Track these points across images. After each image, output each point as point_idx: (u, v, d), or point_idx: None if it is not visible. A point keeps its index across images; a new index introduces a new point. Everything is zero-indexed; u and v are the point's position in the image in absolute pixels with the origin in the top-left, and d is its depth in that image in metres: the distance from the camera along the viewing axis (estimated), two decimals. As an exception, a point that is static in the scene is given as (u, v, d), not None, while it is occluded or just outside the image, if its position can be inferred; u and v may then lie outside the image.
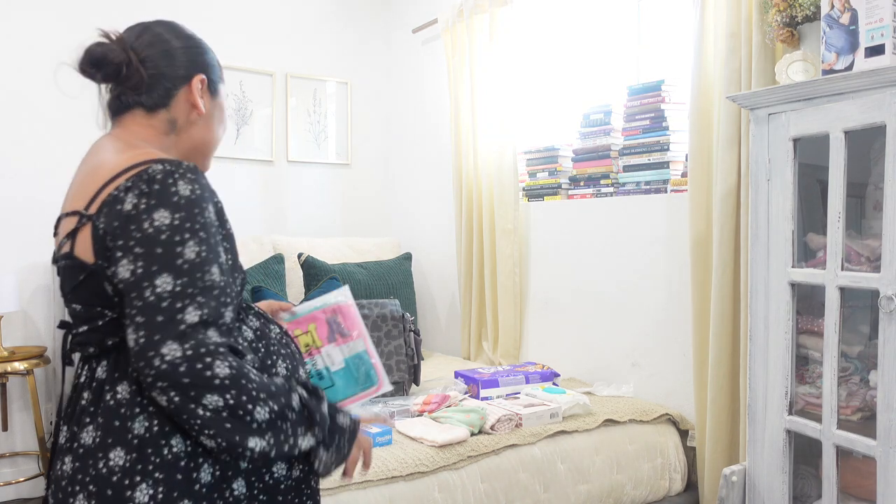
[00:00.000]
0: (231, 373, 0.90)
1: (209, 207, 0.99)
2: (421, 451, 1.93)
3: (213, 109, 1.18)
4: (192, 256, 0.94)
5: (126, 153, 1.03)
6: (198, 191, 0.98)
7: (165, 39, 1.13)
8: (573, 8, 3.04)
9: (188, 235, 0.94)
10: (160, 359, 0.88)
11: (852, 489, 1.67)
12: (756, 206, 1.77)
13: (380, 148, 4.13)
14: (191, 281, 0.92)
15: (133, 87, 1.10)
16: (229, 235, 1.05)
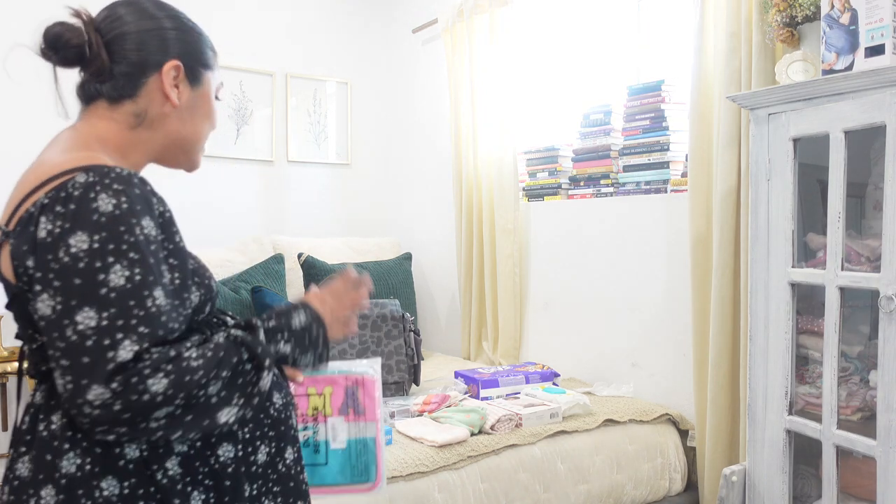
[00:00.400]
0: (169, 380, 0.81)
1: (144, 222, 0.85)
2: (421, 451, 1.93)
3: (194, 101, 1.04)
4: (119, 283, 0.81)
5: (69, 154, 0.91)
6: (125, 204, 0.84)
7: (137, 19, 0.99)
8: (573, 8, 3.04)
9: (112, 259, 0.81)
10: (90, 406, 0.78)
11: (852, 489, 1.67)
12: (756, 206, 1.77)
13: (380, 148, 4.13)
14: (121, 311, 0.80)
15: (95, 74, 0.98)
16: (178, 250, 0.92)
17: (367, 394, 1.20)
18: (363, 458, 1.18)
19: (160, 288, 0.85)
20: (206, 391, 0.84)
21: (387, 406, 2.24)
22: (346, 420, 1.18)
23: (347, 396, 1.19)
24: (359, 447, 1.18)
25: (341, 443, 1.17)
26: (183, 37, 1.03)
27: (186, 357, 0.84)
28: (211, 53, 1.07)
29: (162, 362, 0.81)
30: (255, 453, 1.00)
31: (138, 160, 1.02)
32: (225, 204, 3.54)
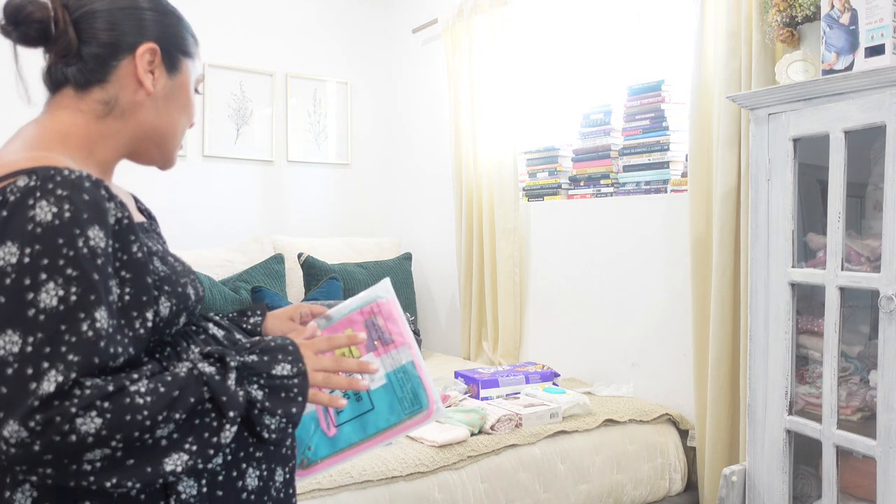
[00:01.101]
0: (104, 419, 0.71)
1: (91, 233, 0.75)
2: (421, 451, 1.93)
3: (170, 90, 0.94)
4: (52, 304, 0.71)
5: (22, 153, 0.82)
6: (67, 213, 0.73)
7: (129, 5, 0.91)
8: (573, 8, 3.04)
9: (45, 276, 0.71)
10: (5, 443, 0.69)
11: (852, 489, 1.67)
12: (756, 206, 1.77)
13: (380, 148, 4.13)
14: (50, 337, 0.71)
15: (61, 55, 0.89)
16: (134, 261, 0.81)
17: (388, 319, 1.09)
18: (407, 386, 1.06)
19: (103, 308, 0.75)
20: (153, 433, 0.74)
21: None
22: (377, 355, 1.07)
23: (370, 330, 1.08)
24: (399, 377, 1.06)
25: (380, 380, 1.05)
26: (161, 19, 0.94)
27: (132, 392, 0.74)
28: (192, 40, 0.99)
29: (96, 398, 0.71)
30: (243, 478, 0.90)
31: (107, 156, 0.92)
32: (225, 204, 3.54)
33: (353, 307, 1.10)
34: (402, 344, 1.08)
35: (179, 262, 0.96)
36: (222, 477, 0.88)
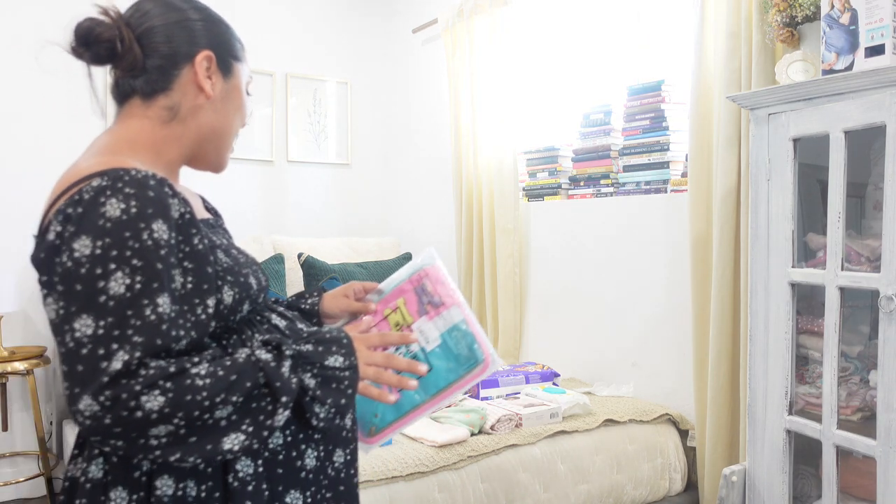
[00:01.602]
0: (167, 398, 0.78)
1: (154, 226, 0.82)
2: (421, 451, 1.93)
3: (227, 92, 1.02)
4: (120, 290, 0.79)
5: (95, 158, 0.90)
6: (134, 209, 0.81)
7: (164, 12, 0.98)
8: (573, 8, 3.04)
9: (114, 266, 0.79)
10: (81, 416, 0.77)
11: (852, 489, 1.67)
12: (756, 206, 1.77)
13: (380, 148, 4.13)
14: (119, 320, 0.78)
15: (128, 69, 0.96)
16: (195, 253, 0.88)
17: (435, 283, 1.14)
18: (462, 343, 1.09)
19: (165, 295, 0.82)
20: (212, 413, 0.81)
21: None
22: (429, 318, 1.11)
23: (420, 296, 1.13)
24: (454, 336, 1.10)
25: (436, 340, 1.09)
26: (211, 27, 1.02)
27: (192, 374, 0.80)
28: (239, 45, 1.06)
29: (159, 378, 0.78)
30: (302, 458, 0.96)
31: (172, 157, 1.00)
32: (225, 204, 3.51)
33: (402, 278, 1.15)
34: (453, 304, 1.12)
35: (243, 254, 1.03)
36: (282, 456, 0.94)
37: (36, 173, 3.16)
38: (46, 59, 3.20)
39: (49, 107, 3.19)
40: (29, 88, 3.15)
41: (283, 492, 0.94)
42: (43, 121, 3.18)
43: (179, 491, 0.87)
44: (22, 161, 3.14)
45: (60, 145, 3.22)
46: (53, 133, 3.21)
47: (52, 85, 3.20)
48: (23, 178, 3.13)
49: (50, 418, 3.22)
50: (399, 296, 1.13)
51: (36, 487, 3.18)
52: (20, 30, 3.13)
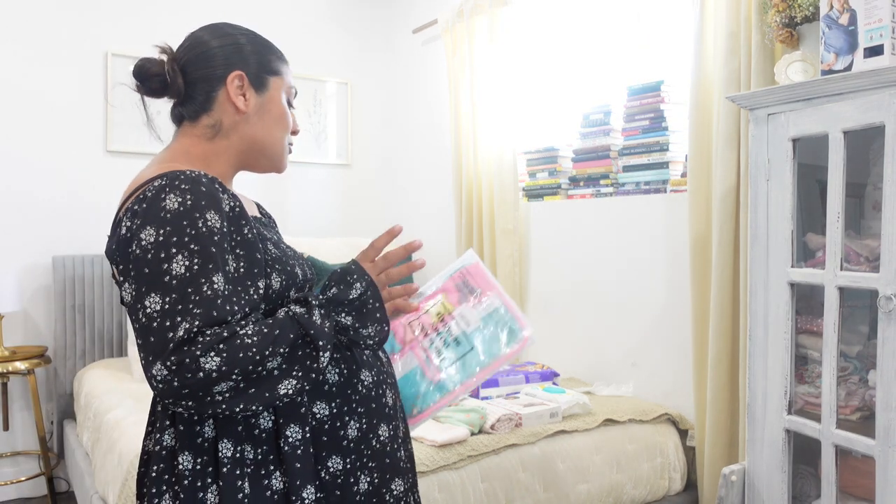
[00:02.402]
0: (222, 358, 0.88)
1: (208, 215, 0.95)
2: (421, 450, 1.93)
3: (262, 105, 1.12)
4: (180, 271, 0.91)
5: (156, 167, 1.04)
6: (189, 202, 0.94)
7: (203, 41, 1.12)
8: (573, 8, 3.04)
9: (175, 250, 0.91)
10: (154, 381, 0.89)
11: (851, 489, 1.68)
12: (755, 206, 1.78)
13: (380, 148, 4.13)
14: (181, 297, 0.90)
15: (176, 97, 1.11)
16: (245, 241, 1.00)
17: (475, 278, 1.22)
18: (502, 323, 1.18)
19: (220, 274, 0.93)
20: (264, 366, 0.91)
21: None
22: (470, 305, 1.19)
23: (461, 290, 1.21)
24: (494, 319, 1.18)
25: (476, 323, 1.17)
26: (246, 48, 1.13)
27: (241, 335, 0.91)
28: (277, 60, 1.15)
29: (215, 343, 0.89)
30: (345, 428, 1.06)
31: (221, 169, 1.13)
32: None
33: (444, 277, 1.24)
34: (492, 291, 1.20)
35: (291, 249, 1.15)
36: (328, 426, 1.05)
37: (36, 175, 3.16)
38: (48, 75, 3.20)
39: (51, 111, 3.20)
40: (31, 93, 3.15)
41: (325, 457, 1.04)
42: (44, 125, 3.19)
43: (237, 453, 0.99)
44: (22, 163, 3.14)
45: (62, 149, 3.22)
46: (55, 138, 3.21)
47: (55, 89, 3.20)
48: (23, 180, 3.14)
49: (51, 418, 3.22)
50: (441, 293, 1.22)
51: (37, 487, 3.19)
52: (26, 44, 3.13)
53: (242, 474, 0.99)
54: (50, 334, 3.23)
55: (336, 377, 1.08)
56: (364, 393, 1.10)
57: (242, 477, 0.98)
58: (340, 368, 1.08)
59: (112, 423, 2.30)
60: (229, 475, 0.98)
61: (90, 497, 2.32)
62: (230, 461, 0.98)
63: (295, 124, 1.19)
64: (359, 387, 1.10)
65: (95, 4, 3.28)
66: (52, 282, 3.19)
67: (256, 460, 1.00)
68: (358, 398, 1.09)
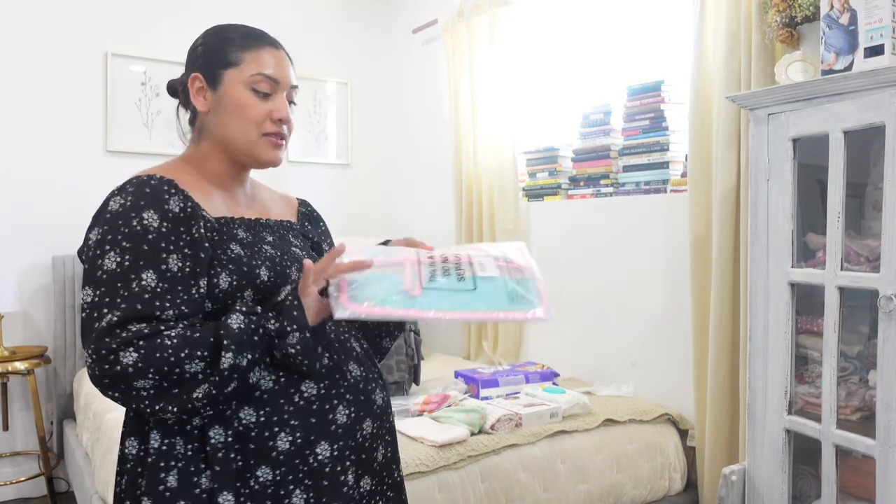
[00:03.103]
0: (139, 354, 0.91)
1: (145, 215, 0.98)
2: (421, 450, 1.93)
3: (218, 101, 1.12)
4: (111, 267, 0.96)
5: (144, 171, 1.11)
6: (129, 203, 0.99)
7: (191, 49, 1.18)
8: (573, 8, 3.04)
9: (108, 247, 0.97)
10: (87, 367, 0.94)
11: (851, 489, 1.68)
12: (756, 206, 1.78)
13: (380, 148, 4.13)
14: (109, 290, 0.95)
15: (184, 107, 1.20)
16: (194, 241, 1.01)
17: (518, 260, 1.06)
18: (522, 289, 0.99)
19: (151, 271, 0.97)
20: (182, 368, 0.93)
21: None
22: (496, 263, 1.02)
23: (497, 260, 1.05)
24: (514, 281, 1.00)
25: (492, 271, 1.00)
26: (199, 49, 1.15)
27: (164, 335, 0.93)
28: (236, 51, 1.12)
29: (135, 338, 0.92)
30: (274, 439, 1.02)
31: (216, 169, 1.14)
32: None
33: (491, 253, 1.05)
34: (530, 274, 1.04)
35: (281, 252, 1.12)
36: (255, 433, 1.02)
37: (36, 175, 3.16)
38: (45, 77, 3.20)
39: (51, 111, 3.20)
40: (31, 93, 3.15)
41: (254, 465, 1.01)
42: (44, 125, 3.19)
43: (164, 445, 1.01)
44: (22, 163, 3.14)
45: (62, 149, 3.22)
46: (55, 138, 3.21)
47: (55, 89, 3.20)
48: (23, 180, 3.14)
49: (50, 418, 3.22)
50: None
51: (37, 487, 3.19)
52: (23, 49, 3.13)
53: (167, 467, 1.00)
54: (50, 334, 3.23)
55: (270, 384, 1.03)
56: (301, 405, 1.04)
57: (167, 469, 1.00)
58: (277, 376, 1.04)
59: (112, 423, 2.30)
60: (153, 466, 1.00)
61: (90, 497, 2.32)
62: (156, 452, 1.00)
63: (277, 111, 1.12)
64: (296, 398, 1.04)
65: (95, 4, 3.28)
66: (52, 282, 3.19)
67: (187, 456, 1.01)
68: (292, 409, 1.04)
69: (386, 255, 1.02)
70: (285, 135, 1.15)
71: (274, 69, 1.12)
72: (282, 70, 1.14)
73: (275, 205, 1.28)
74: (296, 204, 1.35)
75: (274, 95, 1.12)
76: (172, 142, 4.03)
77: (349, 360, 1.13)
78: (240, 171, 1.18)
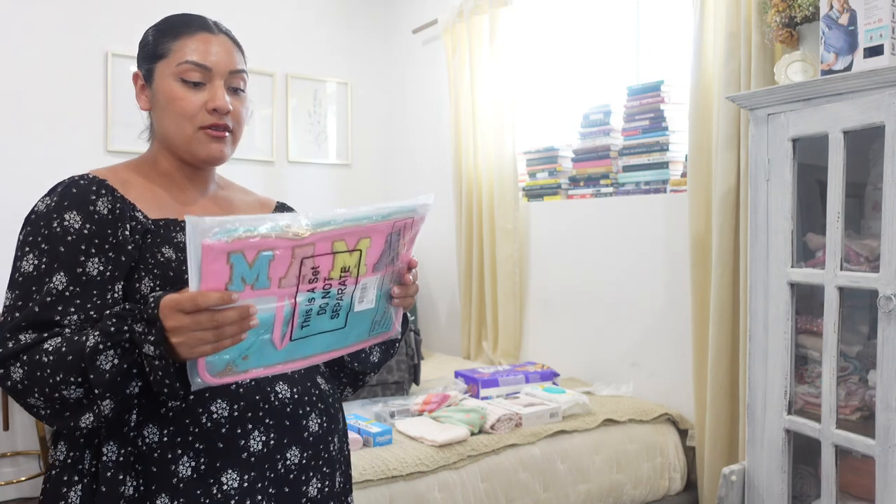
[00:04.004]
0: (23, 371, 0.85)
1: (67, 216, 0.93)
2: (421, 450, 1.93)
3: (154, 98, 1.04)
4: (27, 269, 0.92)
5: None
6: (52, 204, 0.94)
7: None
8: (573, 8, 3.05)
9: (28, 249, 0.93)
10: None
11: (851, 488, 1.68)
12: (755, 206, 1.78)
13: (380, 148, 4.13)
14: (23, 293, 0.91)
15: None
16: (119, 243, 0.94)
17: (409, 236, 0.93)
18: (385, 308, 0.96)
19: (61, 274, 0.91)
20: (59, 393, 0.84)
21: (387, 406, 2.25)
22: (381, 274, 0.91)
23: (388, 245, 0.89)
24: (384, 298, 0.95)
25: (369, 302, 0.91)
26: (143, 43, 1.07)
27: (42, 350, 0.85)
28: (168, 41, 1.03)
29: (21, 350, 0.86)
30: (176, 463, 0.92)
31: (164, 169, 1.07)
32: (225, 204, 3.54)
33: (386, 213, 0.87)
34: (402, 264, 0.96)
35: None
36: (157, 455, 0.92)
37: (36, 176, 3.16)
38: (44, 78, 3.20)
39: (51, 111, 3.19)
40: (32, 93, 3.15)
41: (155, 492, 0.91)
42: (44, 125, 3.19)
43: (69, 458, 0.95)
44: (22, 163, 3.14)
45: (62, 149, 3.22)
46: (55, 138, 3.21)
47: (55, 89, 3.20)
48: (23, 180, 3.14)
49: (50, 418, 3.22)
50: (367, 235, 0.85)
51: (37, 487, 3.19)
52: (23, 49, 3.13)
53: (70, 482, 0.94)
54: (50, 334, 3.22)
55: (178, 403, 0.92)
56: (209, 427, 0.92)
57: (70, 484, 0.93)
58: (186, 392, 0.86)
59: (112, 423, 2.30)
60: (56, 479, 0.95)
61: (90, 497, 2.32)
62: (61, 465, 0.95)
63: (211, 100, 1.01)
64: (202, 418, 0.92)
65: (95, 4, 3.28)
66: (52, 282, 3.19)
67: (91, 472, 0.93)
68: (197, 432, 0.92)
69: (261, 271, 0.78)
70: (227, 125, 1.03)
71: (202, 55, 1.01)
72: (214, 55, 1.02)
73: (244, 207, 1.14)
74: (270, 206, 1.19)
75: (209, 84, 1.01)
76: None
77: (277, 380, 0.99)
78: (194, 170, 1.07)
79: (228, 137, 1.04)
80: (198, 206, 1.07)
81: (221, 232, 0.73)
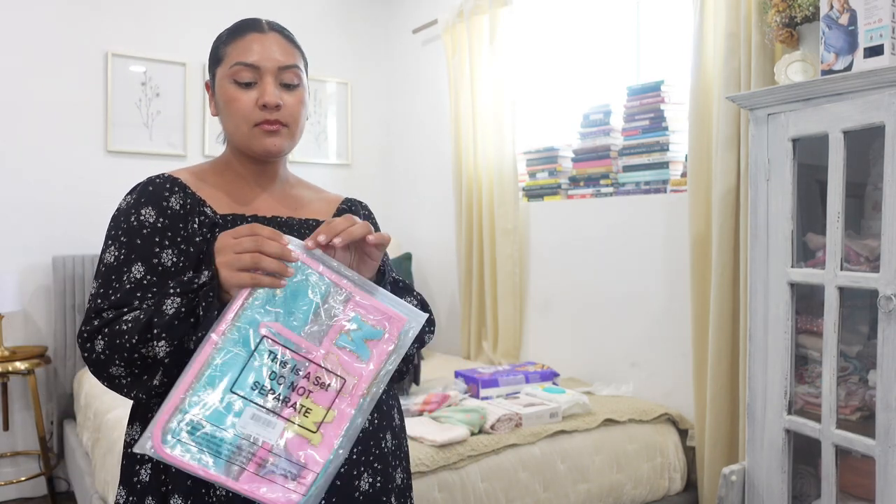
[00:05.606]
0: (105, 342, 0.92)
1: (143, 211, 1.02)
2: (421, 450, 1.93)
3: (218, 101, 1.10)
4: (109, 260, 1.00)
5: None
6: (131, 200, 1.04)
7: None
8: (573, 8, 3.05)
9: (110, 242, 1.02)
10: None
11: (851, 488, 1.68)
12: (755, 206, 1.78)
13: (380, 148, 4.13)
14: (105, 282, 0.98)
15: None
16: (189, 236, 1.02)
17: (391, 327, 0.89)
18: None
19: (140, 264, 0.99)
20: (140, 353, 0.89)
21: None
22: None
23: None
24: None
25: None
26: (210, 54, 1.16)
27: (122, 321, 0.93)
28: (221, 46, 1.12)
29: (104, 325, 0.93)
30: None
31: (237, 169, 1.13)
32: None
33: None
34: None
35: None
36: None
37: (36, 175, 3.16)
38: (46, 76, 3.20)
39: (51, 112, 3.20)
40: (32, 93, 3.15)
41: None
42: (44, 125, 3.19)
43: (136, 433, 1.02)
44: (22, 163, 3.14)
45: (62, 149, 3.22)
46: (55, 138, 3.21)
47: (55, 89, 3.20)
48: (23, 180, 3.14)
49: (51, 418, 3.22)
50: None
51: (37, 487, 3.19)
52: (25, 47, 3.13)
53: (142, 459, 0.99)
54: (50, 334, 3.23)
55: None
56: None
57: (142, 462, 0.99)
58: None
59: (112, 423, 2.30)
60: (130, 457, 1.01)
61: (90, 497, 2.32)
62: (134, 444, 1.02)
63: (260, 97, 1.05)
64: None
65: (95, 5, 3.28)
66: (52, 282, 3.19)
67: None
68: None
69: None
70: (280, 119, 1.06)
71: (250, 54, 1.07)
72: (262, 53, 1.07)
73: (310, 204, 1.18)
74: (337, 203, 1.22)
75: (259, 82, 1.06)
76: (172, 142, 4.04)
77: None
78: (261, 167, 1.12)
79: (284, 131, 1.08)
80: (260, 202, 1.13)
81: None
